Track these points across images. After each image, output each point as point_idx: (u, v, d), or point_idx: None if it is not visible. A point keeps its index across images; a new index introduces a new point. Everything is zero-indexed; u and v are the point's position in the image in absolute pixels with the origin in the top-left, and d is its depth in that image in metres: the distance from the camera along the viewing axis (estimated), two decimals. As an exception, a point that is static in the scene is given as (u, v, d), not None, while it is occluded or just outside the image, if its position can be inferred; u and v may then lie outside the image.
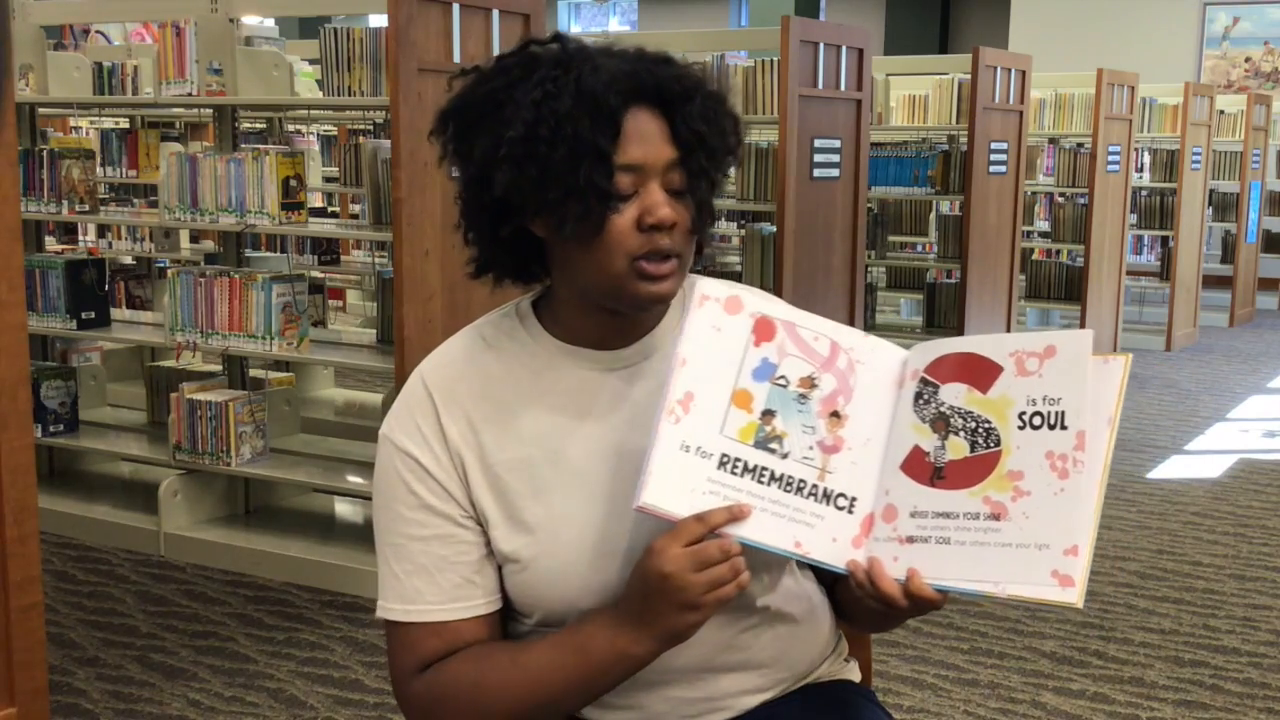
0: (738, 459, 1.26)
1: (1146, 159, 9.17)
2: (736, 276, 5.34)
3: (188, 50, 4.20)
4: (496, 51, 3.84)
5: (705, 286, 1.29)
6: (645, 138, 1.31)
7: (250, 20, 5.25)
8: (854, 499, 1.29)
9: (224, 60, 4.15)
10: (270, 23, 6.17)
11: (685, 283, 1.36)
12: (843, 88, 5.15)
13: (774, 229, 5.02)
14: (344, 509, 4.67)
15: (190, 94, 4.26)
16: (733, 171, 4.27)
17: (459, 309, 3.78)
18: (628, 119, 1.30)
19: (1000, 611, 3.86)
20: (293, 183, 4.02)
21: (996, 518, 1.24)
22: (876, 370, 1.31)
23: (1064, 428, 1.22)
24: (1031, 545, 1.22)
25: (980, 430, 1.26)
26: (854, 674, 1.59)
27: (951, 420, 1.27)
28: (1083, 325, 7.50)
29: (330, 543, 4.26)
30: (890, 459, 1.29)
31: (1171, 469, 5.66)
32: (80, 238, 7.00)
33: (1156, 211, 8.93)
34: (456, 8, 3.70)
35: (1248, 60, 12.76)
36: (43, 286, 4.46)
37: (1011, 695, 3.30)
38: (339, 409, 5.92)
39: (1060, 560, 1.21)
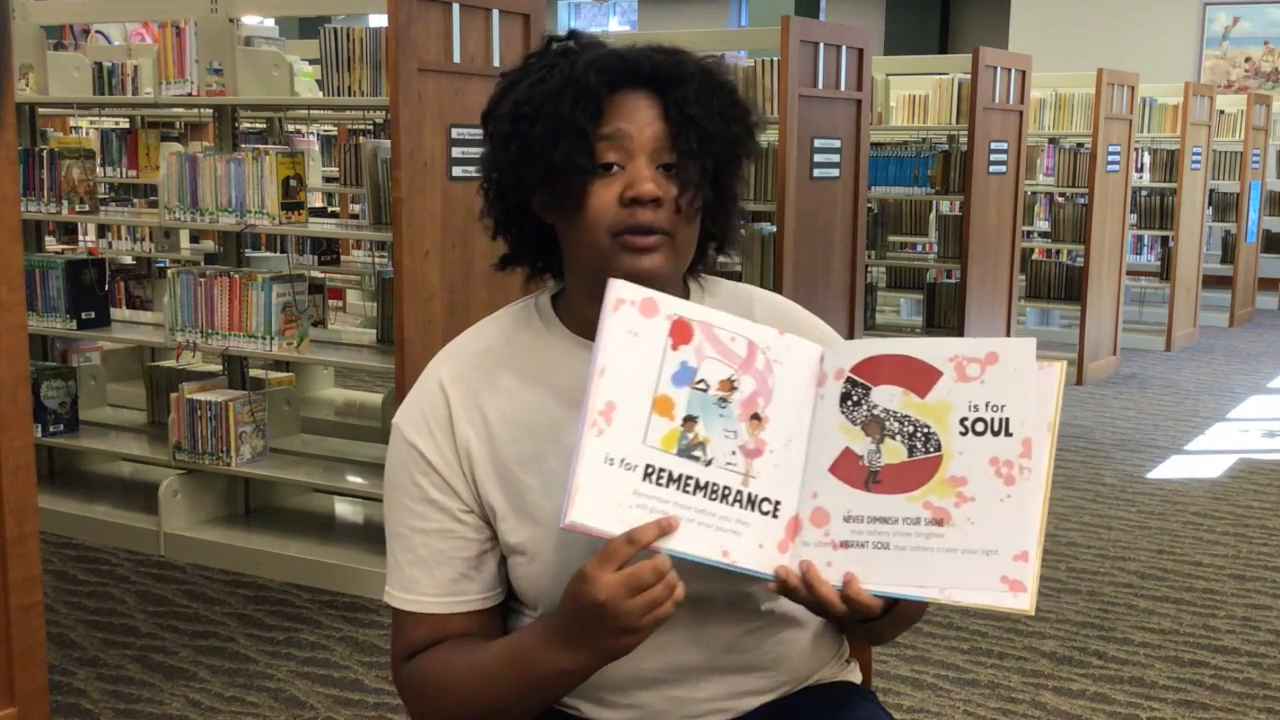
0: (662, 469, 1.23)
1: (1146, 159, 9.17)
2: (736, 276, 5.33)
3: (188, 50, 4.20)
4: (496, 51, 3.84)
5: (619, 290, 1.25)
6: (631, 114, 1.34)
7: (250, 20, 5.25)
8: (778, 503, 1.26)
9: (224, 60, 4.15)
10: (270, 23, 6.17)
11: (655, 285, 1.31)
12: (843, 88, 5.15)
13: (774, 229, 5.02)
14: (344, 509, 4.67)
15: (190, 94, 4.26)
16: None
17: (459, 309, 3.78)
18: (616, 98, 1.34)
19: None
20: (293, 183, 4.02)
21: (939, 523, 1.22)
22: (793, 369, 1.28)
23: (1009, 434, 1.22)
24: (979, 551, 1.21)
25: (919, 435, 1.24)
26: (855, 675, 1.59)
27: (886, 424, 1.25)
28: (1083, 325, 7.50)
29: (330, 543, 4.26)
30: (816, 461, 1.27)
31: (1171, 469, 5.66)
32: (80, 238, 7.01)
33: (1156, 211, 8.92)
34: (456, 8, 3.70)
35: (1248, 60, 12.76)
36: (43, 286, 4.46)
37: (1011, 695, 3.30)
38: (339, 409, 5.92)
39: (1010, 566, 1.20)
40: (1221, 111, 9.95)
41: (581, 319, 1.42)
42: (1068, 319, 8.76)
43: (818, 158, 5.05)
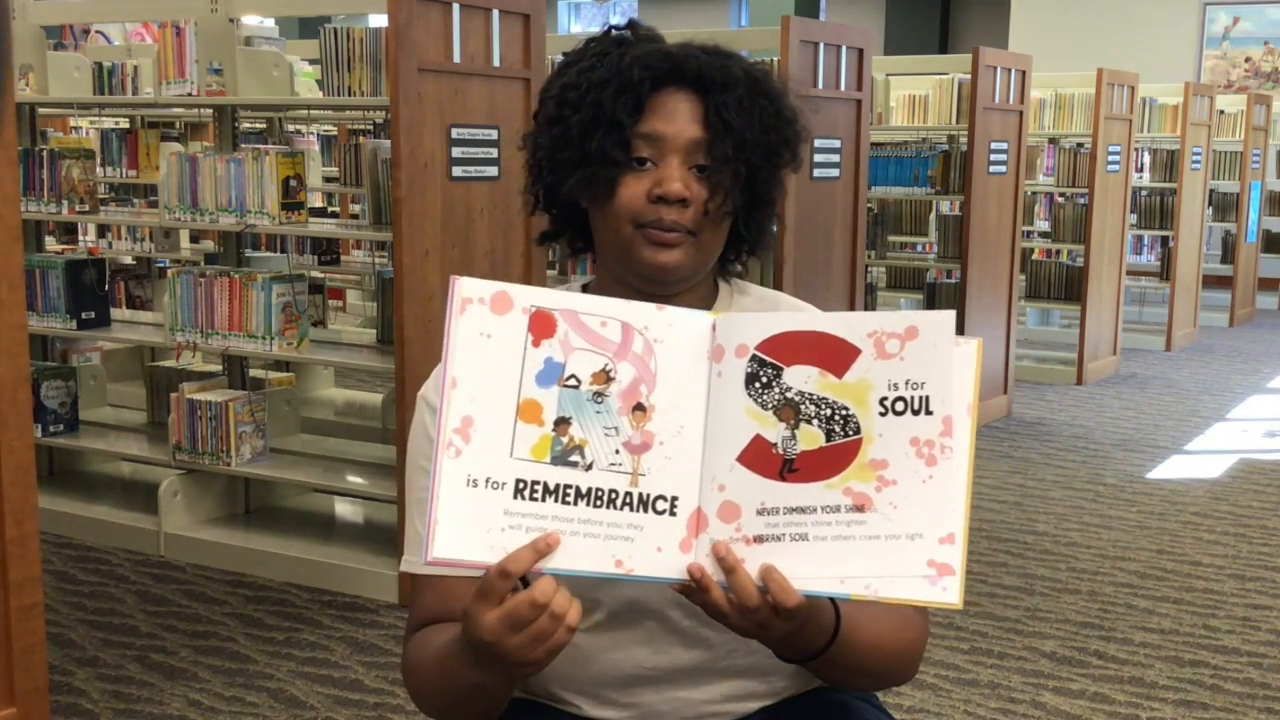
0: (535, 482, 1.13)
1: (1146, 159, 9.17)
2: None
3: (188, 50, 4.20)
4: (496, 51, 3.84)
5: (465, 287, 1.14)
6: (671, 114, 1.36)
7: (250, 20, 5.26)
8: (674, 498, 1.15)
9: (224, 60, 4.15)
10: (270, 23, 6.17)
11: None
12: (843, 88, 5.15)
13: (774, 229, 5.01)
14: (344, 509, 4.67)
15: (190, 94, 4.26)
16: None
17: (459, 309, 3.77)
18: (659, 96, 1.36)
19: (1000, 611, 3.86)
20: (293, 183, 4.02)
21: (860, 509, 1.14)
22: (679, 345, 1.16)
23: (929, 413, 1.14)
24: (903, 536, 1.14)
25: (837, 418, 1.14)
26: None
27: (802, 408, 1.14)
28: (1083, 325, 7.51)
29: (330, 543, 4.26)
30: (720, 450, 1.15)
31: (1171, 469, 5.66)
32: (80, 238, 7.00)
33: (1156, 211, 8.93)
34: (456, 8, 3.70)
35: (1248, 60, 12.76)
36: (43, 286, 4.46)
37: (1011, 695, 3.29)
38: (339, 409, 5.92)
39: (936, 549, 1.14)
40: (1221, 111, 9.95)
41: None
42: (1068, 319, 8.76)
43: (818, 158, 5.05)
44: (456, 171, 3.76)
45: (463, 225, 3.80)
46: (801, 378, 1.15)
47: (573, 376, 1.15)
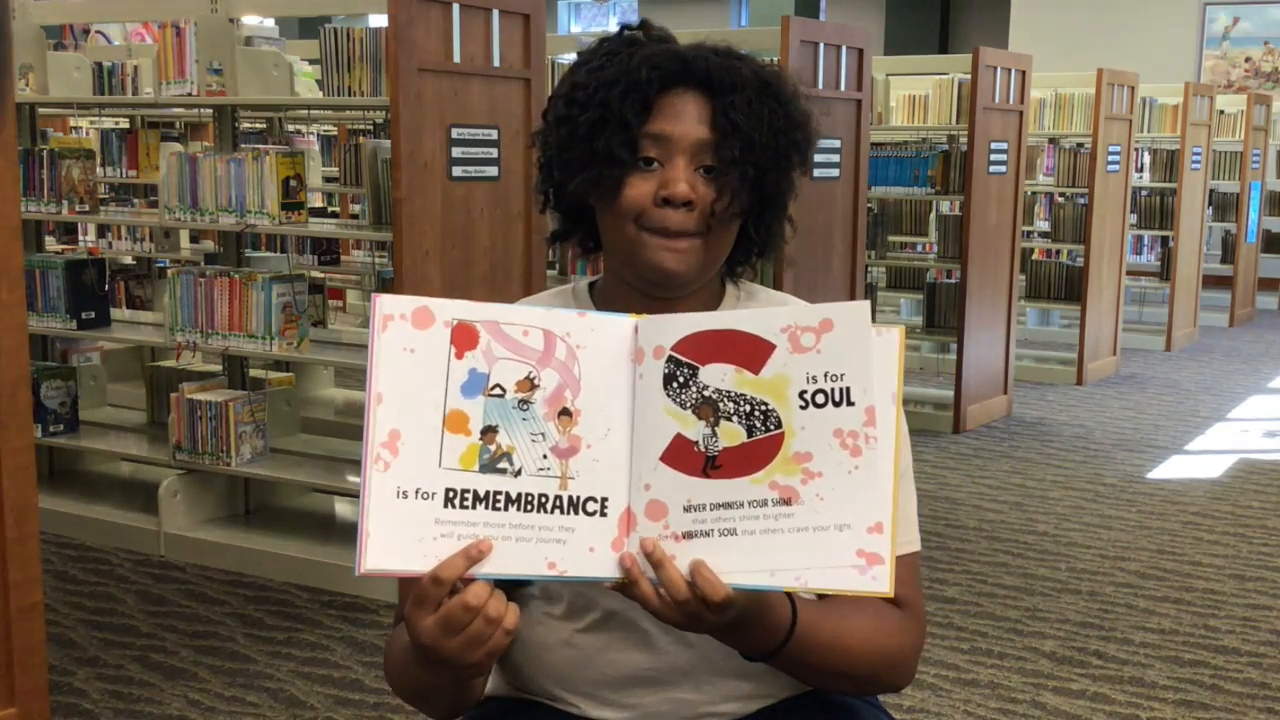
0: (465, 490, 1.15)
1: (1146, 159, 9.17)
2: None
3: (188, 50, 4.20)
4: (496, 51, 3.84)
5: (385, 304, 1.15)
6: (679, 115, 1.35)
7: (250, 20, 5.25)
8: (605, 499, 1.16)
9: (224, 60, 4.15)
10: (270, 23, 6.16)
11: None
12: (843, 88, 5.15)
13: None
14: (344, 509, 4.67)
15: (190, 94, 4.26)
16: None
17: (459, 309, 3.77)
18: (667, 97, 1.35)
19: (1000, 611, 3.86)
20: (293, 183, 4.02)
21: (787, 502, 1.15)
22: (602, 350, 1.18)
23: (851, 404, 1.15)
24: (831, 527, 1.15)
25: (757, 413, 1.15)
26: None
27: (720, 405, 1.16)
28: (1083, 325, 7.51)
29: (330, 543, 4.25)
30: (645, 450, 1.17)
31: (1171, 469, 5.66)
32: (80, 238, 7.00)
33: (1156, 211, 8.92)
34: (456, 8, 3.70)
35: (1248, 60, 12.76)
36: (43, 286, 4.46)
37: (1011, 695, 3.29)
38: (339, 409, 5.92)
39: (865, 538, 1.14)
40: (1221, 111, 9.95)
41: (617, 304, 1.44)
42: (1068, 319, 8.76)
43: (818, 158, 5.04)
44: (456, 171, 3.76)
45: (463, 225, 3.80)
46: (718, 376, 1.16)
47: (497, 386, 1.16)
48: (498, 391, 1.16)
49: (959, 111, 6.65)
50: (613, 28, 1.48)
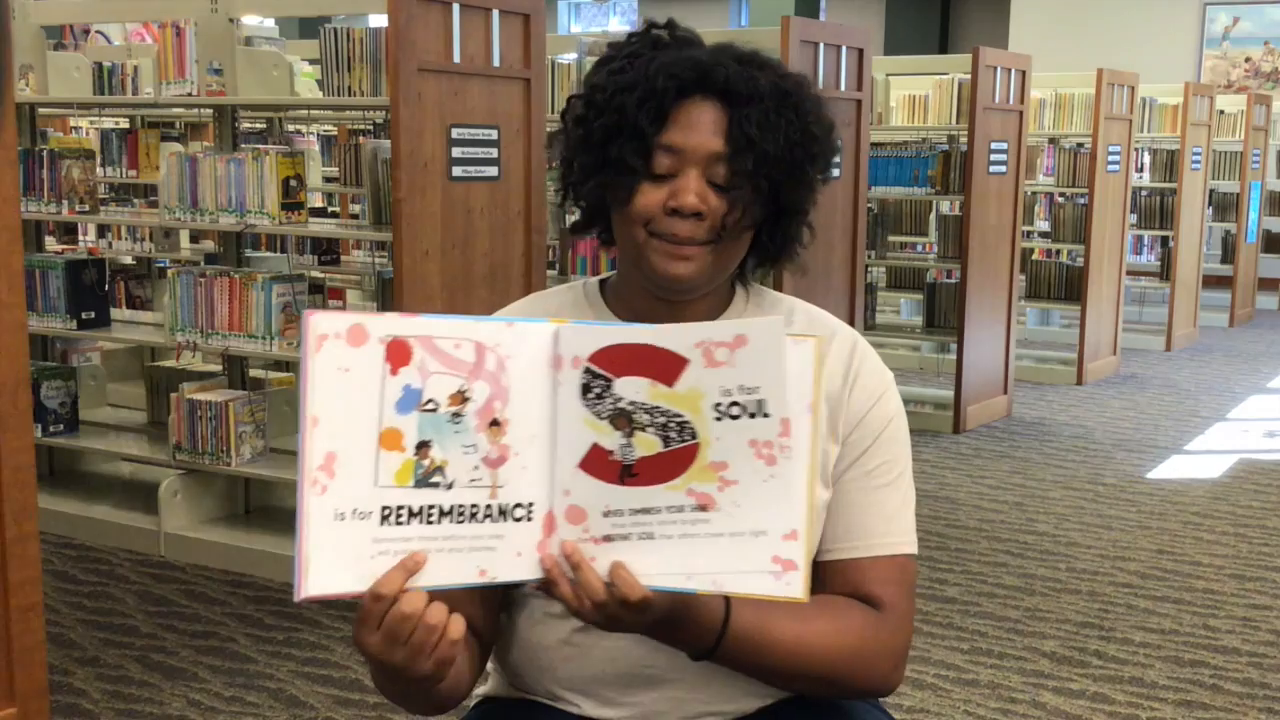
0: (400, 507, 1.15)
1: (1146, 159, 9.17)
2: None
3: (188, 50, 4.20)
4: (496, 51, 3.84)
5: (320, 324, 1.14)
6: (694, 126, 1.34)
7: (250, 20, 5.25)
8: (530, 504, 1.19)
9: (224, 60, 4.15)
10: (270, 23, 6.17)
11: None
12: (843, 88, 5.15)
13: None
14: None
15: (190, 94, 4.26)
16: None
17: (459, 309, 3.77)
18: (684, 106, 1.34)
19: (1000, 611, 3.86)
20: (293, 183, 4.02)
21: (704, 508, 1.18)
22: (527, 358, 1.19)
23: (766, 415, 1.17)
24: (747, 533, 1.17)
25: (672, 425, 1.17)
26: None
27: (635, 416, 1.17)
28: (1083, 325, 7.50)
29: (330, 543, 4.25)
30: (564, 456, 1.19)
31: (1171, 469, 5.66)
32: (80, 238, 7.00)
33: (1156, 211, 8.92)
34: (456, 8, 3.70)
35: (1248, 60, 12.76)
36: (43, 286, 4.46)
37: (1011, 695, 3.29)
38: (339, 409, 5.90)
39: (780, 545, 1.17)
40: (1221, 111, 9.95)
41: (628, 303, 1.45)
42: (1068, 319, 8.76)
43: (818, 158, 5.04)
44: (456, 171, 3.76)
45: (463, 225, 3.80)
46: (632, 388, 1.18)
47: (431, 400, 1.16)
48: (431, 406, 1.16)
49: (959, 111, 6.65)
50: (613, 28, 1.47)
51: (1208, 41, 12.84)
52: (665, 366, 1.17)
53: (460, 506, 1.17)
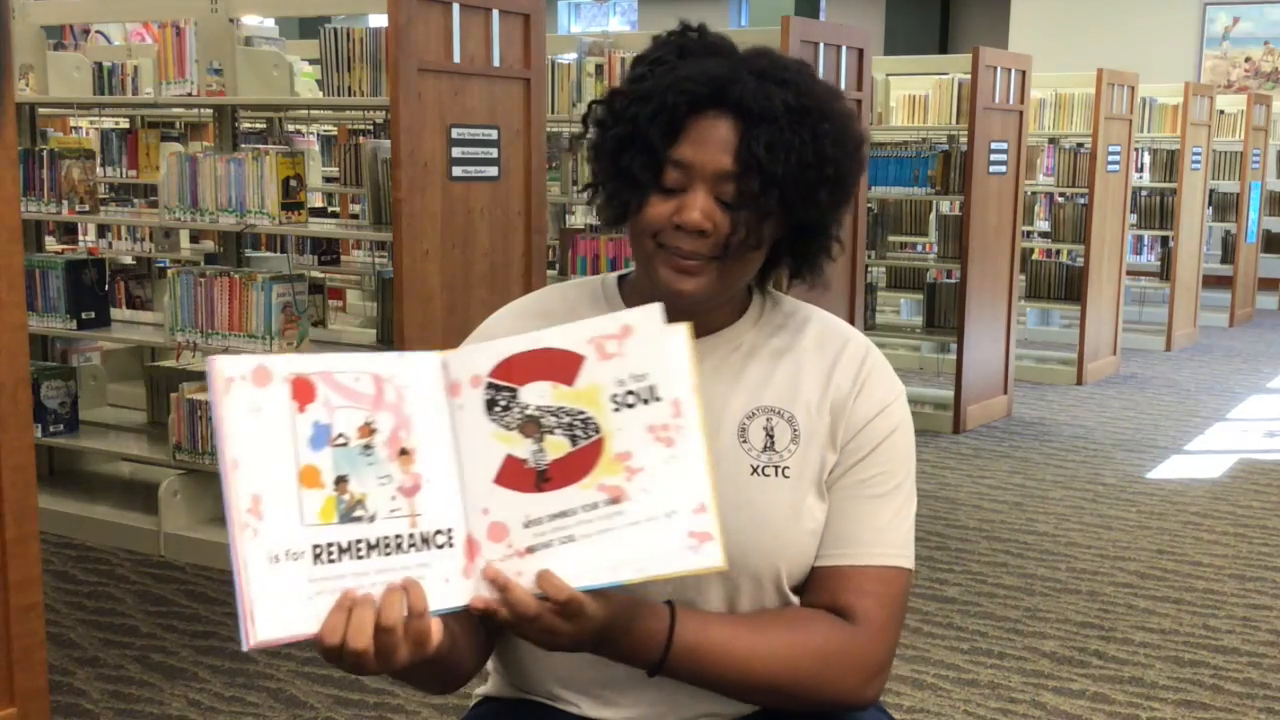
0: (330, 544, 1.16)
1: (1146, 159, 9.17)
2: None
3: (188, 50, 4.21)
4: (496, 51, 3.84)
5: (225, 367, 1.16)
6: (704, 142, 1.32)
7: (250, 20, 5.26)
8: (450, 530, 1.21)
9: (224, 60, 4.15)
10: (270, 23, 6.17)
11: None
12: (843, 88, 5.15)
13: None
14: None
15: (190, 94, 4.26)
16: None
17: (459, 309, 3.78)
18: (698, 121, 1.32)
19: (1000, 611, 3.86)
20: (293, 183, 4.02)
21: (616, 500, 1.21)
22: (421, 387, 1.22)
23: (658, 399, 1.22)
24: (660, 516, 1.21)
25: (577, 423, 1.22)
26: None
27: (542, 420, 1.22)
28: (1083, 325, 7.50)
29: (330, 543, 4.25)
30: (476, 476, 1.22)
31: (1171, 469, 5.66)
32: (80, 238, 7.01)
33: (1156, 211, 8.92)
34: (456, 8, 3.70)
35: (1248, 60, 12.76)
36: (43, 286, 4.46)
37: (1011, 695, 3.29)
38: (339, 409, 5.90)
39: (692, 519, 1.21)
40: (1221, 111, 9.95)
41: (645, 301, 1.44)
42: (1068, 319, 8.76)
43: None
44: (456, 171, 3.76)
45: (463, 225, 3.80)
46: (536, 394, 1.22)
47: (341, 434, 1.18)
48: (342, 440, 1.18)
49: (959, 111, 6.65)
50: (613, 28, 1.47)
51: (1208, 41, 12.84)
52: (563, 367, 1.22)
53: (385, 538, 1.18)
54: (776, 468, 1.41)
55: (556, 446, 1.21)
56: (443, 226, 3.74)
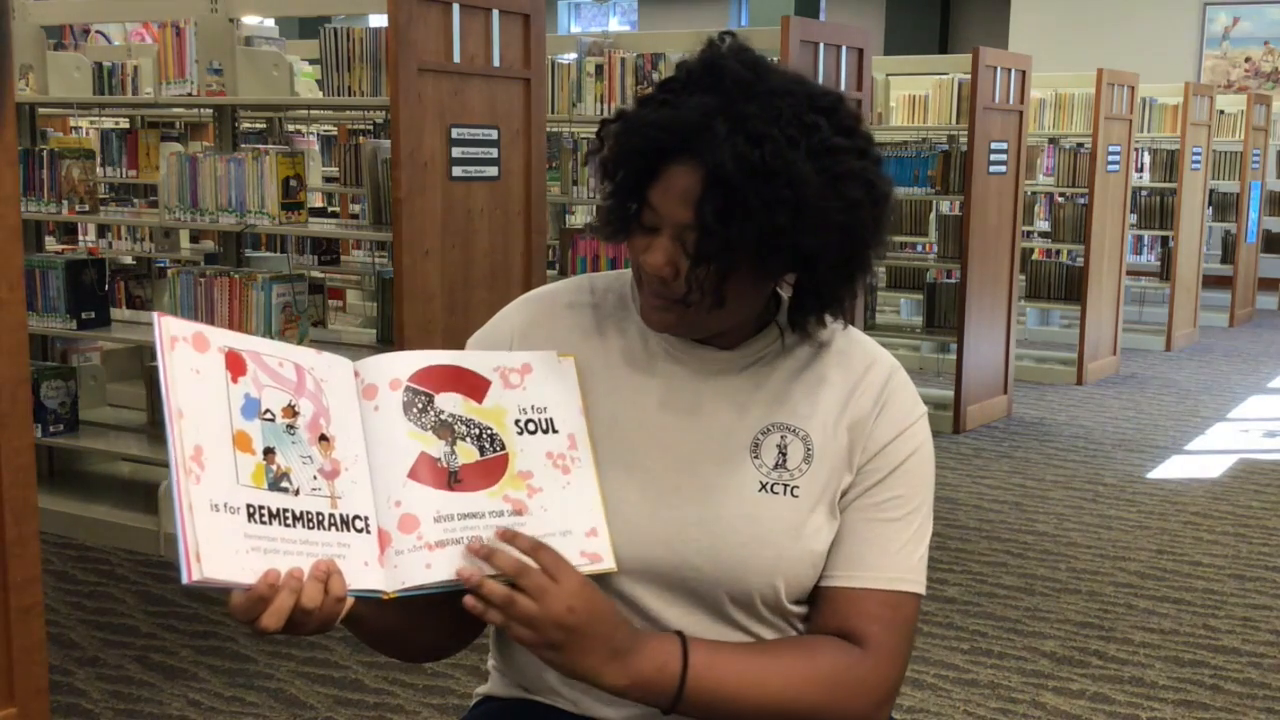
0: (261, 506, 1.20)
1: (1146, 159, 9.17)
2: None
3: (188, 50, 4.20)
4: (496, 51, 3.84)
5: (169, 326, 1.21)
6: (669, 191, 1.28)
7: (250, 20, 5.26)
8: (366, 518, 1.25)
9: (224, 60, 4.15)
10: (270, 23, 6.17)
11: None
12: (843, 88, 5.14)
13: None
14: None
15: (190, 94, 4.26)
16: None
17: (459, 309, 3.77)
18: (671, 166, 1.28)
19: (1000, 611, 3.86)
20: (293, 183, 4.02)
21: (519, 513, 1.30)
22: (337, 385, 1.28)
23: (555, 431, 1.34)
24: (556, 533, 1.30)
25: (485, 436, 1.31)
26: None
27: (455, 427, 1.30)
28: (1083, 325, 7.50)
29: (330, 543, 4.25)
30: (392, 471, 1.26)
31: (1171, 469, 5.66)
32: (80, 238, 7.00)
33: (1156, 211, 8.93)
34: (456, 8, 3.70)
35: (1248, 60, 12.76)
36: (43, 286, 4.46)
37: (1011, 695, 3.29)
38: (339, 409, 5.90)
39: (584, 542, 1.31)
40: (1221, 111, 9.95)
41: None
42: (1068, 319, 8.76)
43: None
44: (456, 171, 3.76)
45: (463, 225, 3.80)
46: (450, 403, 1.31)
47: (268, 410, 1.24)
48: (269, 416, 1.23)
49: (959, 111, 6.65)
50: (613, 28, 1.46)
51: (1208, 41, 12.84)
52: (473, 385, 1.33)
53: (309, 513, 1.23)
54: (785, 486, 1.39)
55: (467, 453, 1.30)
56: (443, 226, 3.74)
